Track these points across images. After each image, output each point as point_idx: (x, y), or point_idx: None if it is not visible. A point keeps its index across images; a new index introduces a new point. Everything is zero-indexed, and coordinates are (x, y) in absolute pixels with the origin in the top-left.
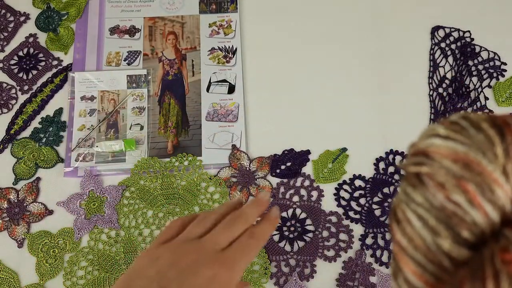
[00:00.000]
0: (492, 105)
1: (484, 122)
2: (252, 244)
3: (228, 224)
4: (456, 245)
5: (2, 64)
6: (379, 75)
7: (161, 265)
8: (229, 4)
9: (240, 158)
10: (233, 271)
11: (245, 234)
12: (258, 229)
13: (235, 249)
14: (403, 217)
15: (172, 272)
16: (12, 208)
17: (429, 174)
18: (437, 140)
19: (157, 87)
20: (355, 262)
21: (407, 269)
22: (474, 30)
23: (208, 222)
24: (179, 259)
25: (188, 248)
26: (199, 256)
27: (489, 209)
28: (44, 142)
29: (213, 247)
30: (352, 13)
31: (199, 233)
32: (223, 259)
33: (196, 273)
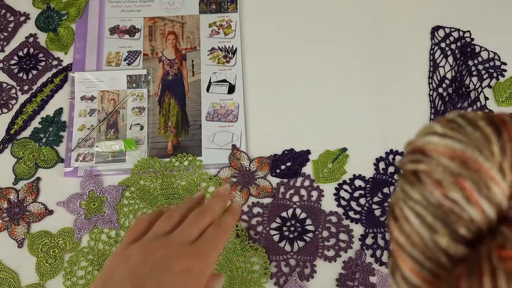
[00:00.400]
0: (492, 105)
1: (481, 120)
2: (220, 234)
3: (196, 218)
4: (453, 242)
5: (2, 64)
6: (379, 75)
7: (133, 264)
8: (229, 4)
9: (240, 158)
10: (205, 262)
11: (212, 226)
12: (224, 220)
13: (204, 241)
14: (401, 214)
15: (145, 269)
16: (12, 208)
17: (426, 172)
18: (434, 138)
19: (157, 87)
20: (355, 262)
21: (405, 266)
22: (474, 30)
23: (175, 218)
24: (150, 256)
25: (158, 244)
26: (170, 251)
27: (486, 206)
28: (44, 142)
29: (183, 241)
30: (352, 13)
31: (168, 229)
32: (194, 251)
33: (169, 268)
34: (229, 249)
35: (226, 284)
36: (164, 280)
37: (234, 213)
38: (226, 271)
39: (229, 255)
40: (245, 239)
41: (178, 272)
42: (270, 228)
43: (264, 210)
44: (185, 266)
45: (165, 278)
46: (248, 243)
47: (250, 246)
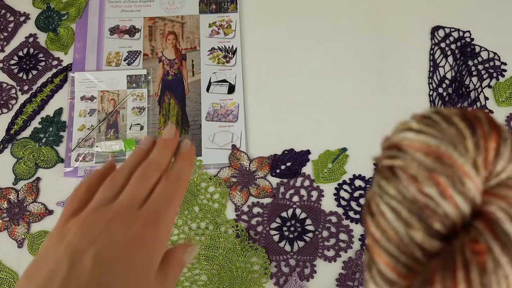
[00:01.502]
0: (492, 105)
1: (455, 116)
2: (171, 188)
3: (140, 177)
4: (428, 236)
5: (2, 64)
6: (379, 75)
7: (70, 240)
8: (229, 4)
9: (240, 158)
10: (157, 226)
11: (161, 180)
12: (174, 170)
13: (154, 201)
14: (376, 209)
15: (84, 244)
16: (12, 208)
17: (401, 167)
18: (410, 133)
19: (157, 87)
20: (355, 262)
21: (381, 260)
22: (474, 30)
23: (118, 182)
24: (90, 229)
25: (99, 215)
26: (113, 221)
27: (460, 201)
28: (44, 142)
29: (128, 206)
30: (352, 13)
31: (111, 196)
32: (144, 215)
33: (113, 240)
34: (229, 249)
35: (226, 284)
36: (106, 254)
37: (185, 158)
38: (226, 271)
39: (229, 255)
40: (245, 239)
41: (124, 242)
42: (270, 228)
43: (264, 210)
44: (132, 235)
45: (108, 252)
46: (248, 243)
47: (250, 246)
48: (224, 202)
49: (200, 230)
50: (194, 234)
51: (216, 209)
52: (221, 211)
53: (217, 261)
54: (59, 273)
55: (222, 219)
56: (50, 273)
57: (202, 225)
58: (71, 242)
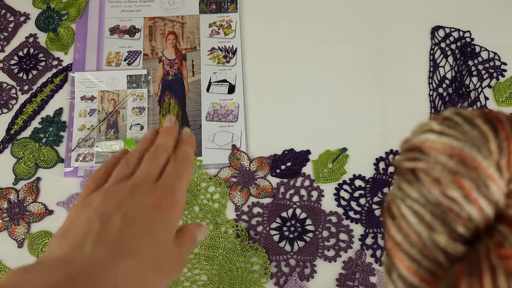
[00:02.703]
0: (492, 105)
1: (477, 118)
2: (180, 167)
3: (151, 157)
4: (452, 240)
5: (2, 64)
6: (379, 75)
7: (97, 205)
8: (229, 4)
9: (240, 158)
10: (173, 196)
11: (170, 162)
12: (180, 153)
13: (167, 176)
14: (398, 212)
15: (110, 208)
16: (12, 208)
17: (424, 170)
18: (432, 135)
19: (157, 87)
20: (355, 262)
21: (402, 265)
22: (474, 30)
23: (133, 161)
24: (114, 197)
25: (121, 187)
26: (134, 191)
27: (484, 205)
28: (44, 142)
29: (145, 181)
30: (352, 13)
31: (127, 173)
32: (160, 187)
33: (136, 204)
34: (229, 249)
35: (226, 284)
36: (132, 215)
37: (188, 142)
38: (226, 271)
39: (229, 255)
40: (245, 239)
41: (145, 207)
42: (270, 228)
43: (264, 210)
44: (153, 202)
45: (133, 214)
46: (248, 243)
47: (250, 246)
48: (224, 202)
49: None
50: None
51: (216, 209)
52: (221, 211)
53: (217, 261)
54: (93, 231)
55: (222, 219)
56: (83, 230)
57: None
58: (98, 207)
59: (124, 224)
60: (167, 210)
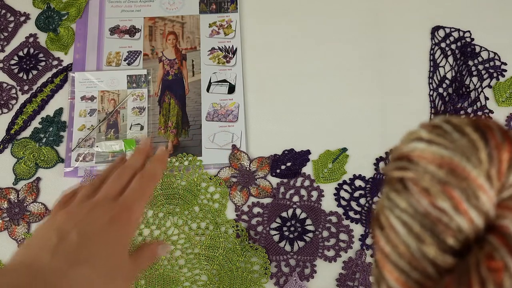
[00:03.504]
0: (492, 105)
1: (467, 126)
2: (144, 183)
3: (116, 177)
4: (441, 252)
5: (2, 64)
6: (379, 75)
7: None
8: (229, 4)
9: (240, 158)
10: (131, 212)
11: (135, 178)
12: (148, 170)
13: (129, 193)
14: (386, 223)
15: (69, 225)
16: (12, 208)
17: (413, 180)
18: (421, 144)
19: (157, 87)
20: (355, 262)
21: (391, 276)
22: (474, 30)
23: (96, 184)
24: (75, 215)
25: (83, 206)
26: (93, 209)
27: (474, 215)
28: (44, 142)
29: (106, 198)
30: (352, 12)
31: (90, 194)
32: (119, 204)
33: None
34: (229, 249)
35: (226, 284)
36: (88, 230)
37: (158, 159)
38: (226, 271)
39: (229, 255)
40: (245, 239)
41: (102, 223)
42: (270, 228)
43: (264, 210)
44: (109, 217)
45: (89, 229)
46: (248, 243)
47: (250, 246)
48: (224, 202)
49: (200, 230)
50: (194, 234)
51: (216, 209)
52: (221, 211)
53: (217, 261)
54: (51, 244)
55: (222, 219)
56: (43, 243)
57: (202, 225)
58: (59, 225)
59: (79, 239)
60: (122, 225)
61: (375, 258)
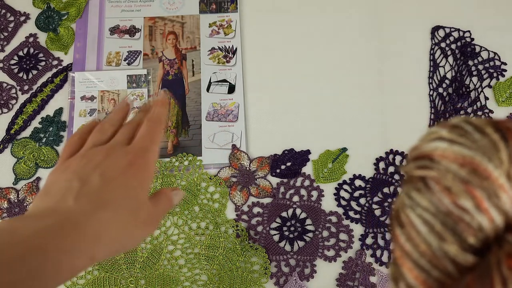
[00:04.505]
0: (492, 105)
1: (487, 126)
2: (152, 127)
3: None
4: (462, 250)
5: (2, 64)
6: (379, 75)
7: (75, 167)
8: (229, 4)
9: (240, 158)
10: (146, 156)
11: (143, 123)
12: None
13: (140, 139)
14: (407, 221)
15: (88, 169)
16: (12, 208)
17: (435, 178)
18: (442, 143)
19: (157, 87)
20: (355, 262)
21: (411, 274)
22: (474, 30)
23: (107, 129)
24: (91, 159)
25: (97, 150)
26: (109, 154)
27: (495, 215)
28: (44, 142)
29: (120, 144)
30: (352, 13)
31: (102, 139)
32: (133, 148)
33: (112, 164)
34: (229, 249)
35: (226, 284)
36: (109, 174)
37: (161, 103)
38: (226, 271)
39: (229, 255)
40: (245, 239)
41: (121, 167)
42: (270, 228)
43: (264, 210)
44: (127, 162)
45: (110, 173)
46: (248, 243)
47: (250, 246)
48: (224, 202)
49: (200, 230)
50: (194, 234)
51: (216, 209)
52: (221, 211)
53: (217, 261)
54: (73, 188)
55: (222, 219)
56: (64, 189)
57: (202, 225)
58: (76, 169)
59: (102, 181)
60: (140, 169)
61: (393, 255)
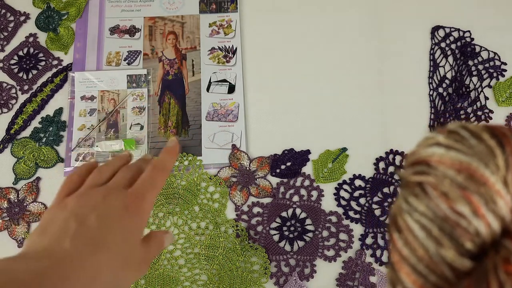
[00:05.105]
0: (492, 105)
1: (484, 132)
2: (155, 174)
3: (127, 167)
4: (459, 255)
5: (2, 64)
6: (379, 75)
7: (73, 207)
8: (229, 4)
9: (240, 158)
10: (143, 201)
11: (147, 168)
12: (159, 161)
13: (140, 183)
14: (404, 226)
15: (86, 209)
16: (12, 208)
17: (432, 184)
18: (439, 149)
19: (157, 87)
20: (355, 262)
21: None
22: (474, 30)
23: (106, 171)
24: (89, 200)
25: (96, 191)
26: (107, 195)
27: (492, 220)
28: (44, 142)
29: (118, 186)
30: (352, 12)
31: (101, 180)
32: (132, 192)
33: (109, 206)
34: (229, 249)
35: (226, 284)
36: (107, 215)
37: (170, 152)
38: (226, 271)
39: (229, 255)
40: (245, 239)
41: (117, 209)
42: (270, 228)
43: (264, 210)
44: (124, 205)
45: (107, 214)
46: (248, 243)
47: (250, 246)
48: (224, 202)
49: (200, 230)
50: (194, 233)
51: (216, 209)
52: (221, 211)
53: (217, 260)
54: (70, 229)
55: (222, 219)
56: (61, 228)
57: (202, 224)
58: (74, 209)
59: (98, 223)
60: (136, 214)
61: (391, 260)
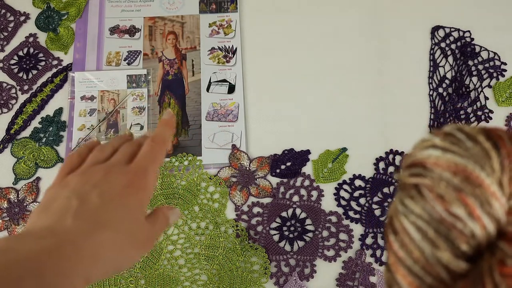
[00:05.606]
0: (492, 105)
1: (479, 135)
2: (154, 147)
3: (129, 144)
4: (455, 257)
5: (2, 64)
6: (379, 75)
7: (74, 185)
8: (229, 4)
9: (240, 158)
10: (145, 177)
11: (146, 143)
12: (157, 134)
13: (141, 158)
14: (400, 228)
15: (87, 187)
16: (12, 208)
17: (428, 186)
18: (435, 151)
19: (157, 87)
20: (355, 262)
21: (404, 281)
22: (474, 30)
23: (108, 150)
24: (90, 178)
25: (96, 169)
26: (109, 172)
27: (487, 222)
28: (44, 142)
29: (119, 163)
30: (352, 13)
31: (102, 158)
32: (133, 169)
33: (111, 184)
34: (229, 249)
35: (226, 284)
36: (108, 192)
37: (166, 124)
38: (226, 271)
39: (229, 255)
40: (245, 239)
41: (120, 186)
42: (270, 228)
43: (264, 210)
44: (126, 181)
45: (109, 191)
46: (248, 243)
47: (250, 246)
48: (224, 202)
49: (200, 230)
50: (194, 233)
51: (216, 208)
52: (221, 210)
53: (217, 260)
54: (72, 207)
55: (222, 219)
56: (62, 207)
57: (202, 224)
58: (75, 187)
59: (100, 201)
60: (139, 189)
61: (387, 262)
